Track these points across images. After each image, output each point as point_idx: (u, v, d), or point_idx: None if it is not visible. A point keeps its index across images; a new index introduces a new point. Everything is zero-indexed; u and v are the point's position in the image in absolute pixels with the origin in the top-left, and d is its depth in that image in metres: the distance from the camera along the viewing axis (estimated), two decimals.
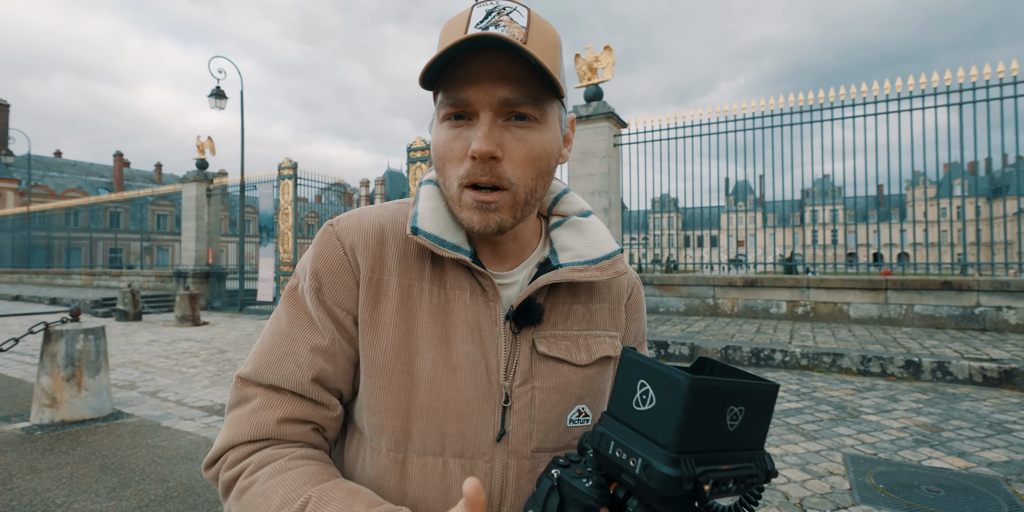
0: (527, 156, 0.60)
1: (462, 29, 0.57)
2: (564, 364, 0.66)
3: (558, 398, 0.66)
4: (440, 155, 0.61)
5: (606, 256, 0.69)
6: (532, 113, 0.59)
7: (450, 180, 0.61)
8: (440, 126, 0.61)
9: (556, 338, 0.67)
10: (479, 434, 0.62)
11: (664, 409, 0.42)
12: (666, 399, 0.42)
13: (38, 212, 22.76)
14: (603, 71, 9.05)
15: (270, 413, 0.61)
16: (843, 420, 3.89)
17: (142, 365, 6.33)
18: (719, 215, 15.12)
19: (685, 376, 0.40)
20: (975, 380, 4.89)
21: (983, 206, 37.35)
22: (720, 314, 8.53)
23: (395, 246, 0.66)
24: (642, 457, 0.42)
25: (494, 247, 0.68)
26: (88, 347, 4.05)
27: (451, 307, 0.64)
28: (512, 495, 0.63)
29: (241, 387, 0.64)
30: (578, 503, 0.47)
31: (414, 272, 0.65)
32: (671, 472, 0.40)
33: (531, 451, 0.64)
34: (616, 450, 0.44)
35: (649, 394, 0.43)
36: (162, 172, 55.89)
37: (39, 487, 2.73)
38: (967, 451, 3.23)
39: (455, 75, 0.58)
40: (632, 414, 0.45)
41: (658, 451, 0.41)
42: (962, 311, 6.97)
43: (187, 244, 14.88)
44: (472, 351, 0.63)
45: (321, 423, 0.64)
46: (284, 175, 12.66)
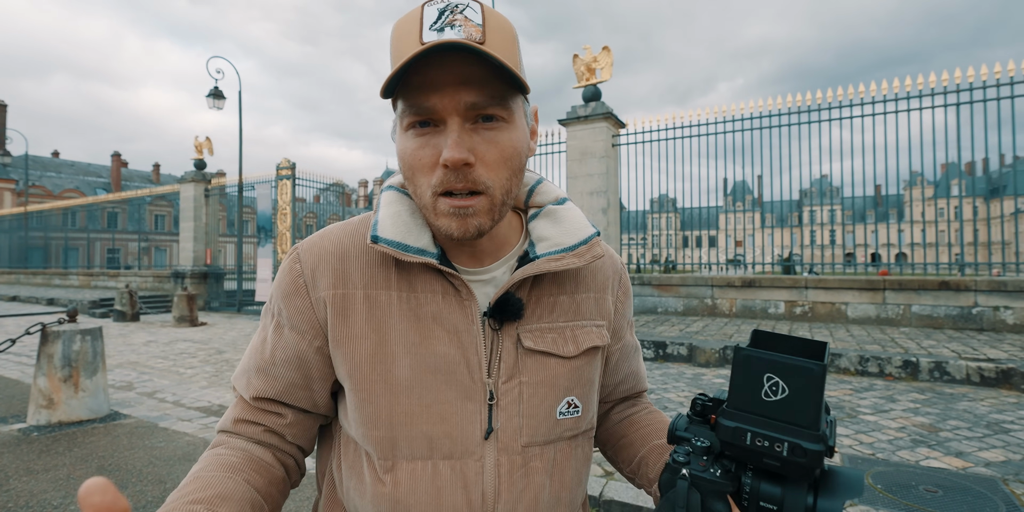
0: (499, 157, 0.58)
1: (416, 31, 0.55)
2: (551, 357, 0.66)
3: (547, 391, 0.65)
4: (409, 164, 0.59)
5: (582, 241, 0.68)
6: (499, 113, 0.58)
7: (422, 189, 0.60)
8: (405, 134, 0.59)
9: (542, 331, 0.67)
10: (466, 434, 0.62)
11: (799, 395, 0.47)
12: (800, 386, 0.47)
13: (35, 212, 22.70)
14: (601, 71, 9.05)
15: (232, 413, 0.70)
16: (841, 420, 3.89)
17: (140, 366, 6.31)
18: (717, 215, 15.14)
19: (816, 364, 0.46)
20: (972, 380, 4.90)
21: (980, 206, 37.50)
22: (718, 314, 8.53)
23: (357, 259, 0.66)
24: (787, 440, 0.47)
25: (471, 246, 0.67)
26: (85, 348, 4.04)
27: (423, 311, 0.64)
28: (506, 491, 0.63)
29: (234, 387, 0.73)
30: (716, 493, 0.51)
31: (380, 281, 0.64)
32: (819, 447, 0.46)
33: (521, 446, 0.64)
34: (755, 440, 0.48)
35: (779, 385, 0.48)
36: (160, 172, 55.81)
37: (35, 488, 2.72)
38: (965, 451, 3.24)
39: (415, 82, 0.56)
40: (763, 405, 0.49)
41: (803, 432, 0.46)
42: (960, 311, 6.99)
43: (185, 244, 14.85)
44: (450, 352, 0.63)
45: (273, 428, 0.69)
46: (282, 175, 12.64)
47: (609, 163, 9.19)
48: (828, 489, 0.48)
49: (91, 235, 25.70)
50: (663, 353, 6.24)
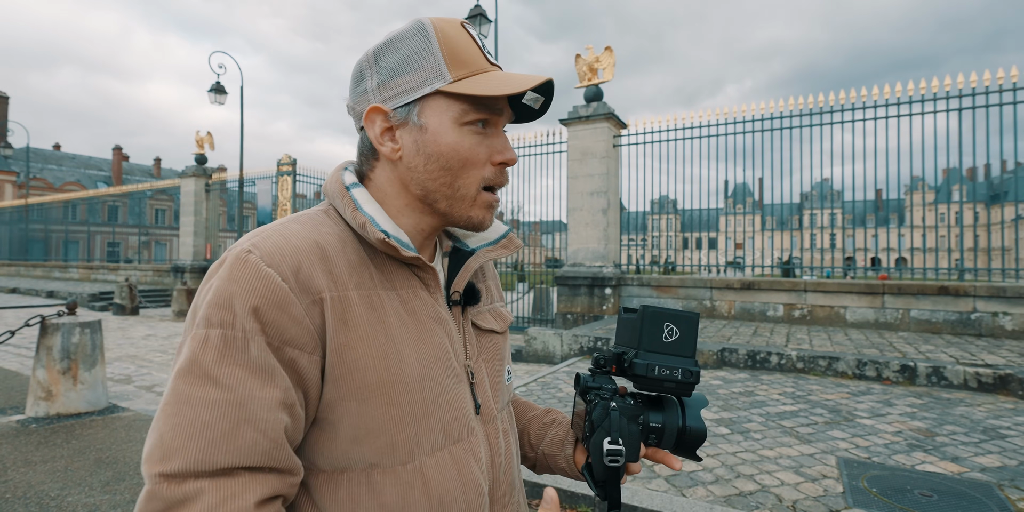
0: None
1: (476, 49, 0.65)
2: (494, 334, 0.78)
3: (499, 364, 0.77)
4: (463, 158, 0.65)
5: (503, 235, 0.79)
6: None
7: (467, 181, 0.66)
8: (459, 129, 0.64)
9: (483, 313, 0.77)
10: (467, 415, 0.68)
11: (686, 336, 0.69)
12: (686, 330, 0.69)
13: (36, 205, 22.70)
14: (603, 72, 9.05)
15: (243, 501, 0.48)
16: (837, 423, 3.90)
17: (138, 359, 6.32)
18: (718, 217, 15.12)
19: (695, 313, 0.69)
20: (970, 385, 4.91)
21: (981, 212, 37.51)
22: (717, 316, 8.54)
23: (338, 258, 0.61)
24: (680, 368, 0.68)
25: (427, 243, 0.73)
26: (84, 341, 4.04)
27: (411, 306, 0.66)
28: (496, 455, 0.72)
29: (170, 489, 0.48)
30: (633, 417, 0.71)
31: (366, 281, 0.63)
32: (697, 368, 0.68)
33: (496, 414, 0.74)
34: (660, 370, 0.68)
35: (674, 330, 0.69)
36: (161, 167, 55.73)
37: (33, 480, 2.72)
38: (961, 456, 3.24)
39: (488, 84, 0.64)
40: (663, 345, 0.69)
41: (688, 362, 0.69)
42: (958, 316, 6.99)
43: (185, 239, 14.86)
44: (443, 342, 0.68)
45: (287, 495, 0.55)
46: (283, 171, 12.64)
47: (610, 163, 9.18)
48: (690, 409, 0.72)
49: (91, 228, 25.70)
50: None
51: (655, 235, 42.43)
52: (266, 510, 0.50)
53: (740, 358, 5.89)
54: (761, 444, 3.44)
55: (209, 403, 0.50)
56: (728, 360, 5.95)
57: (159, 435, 0.50)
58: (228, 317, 0.53)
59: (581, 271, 9.13)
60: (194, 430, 0.49)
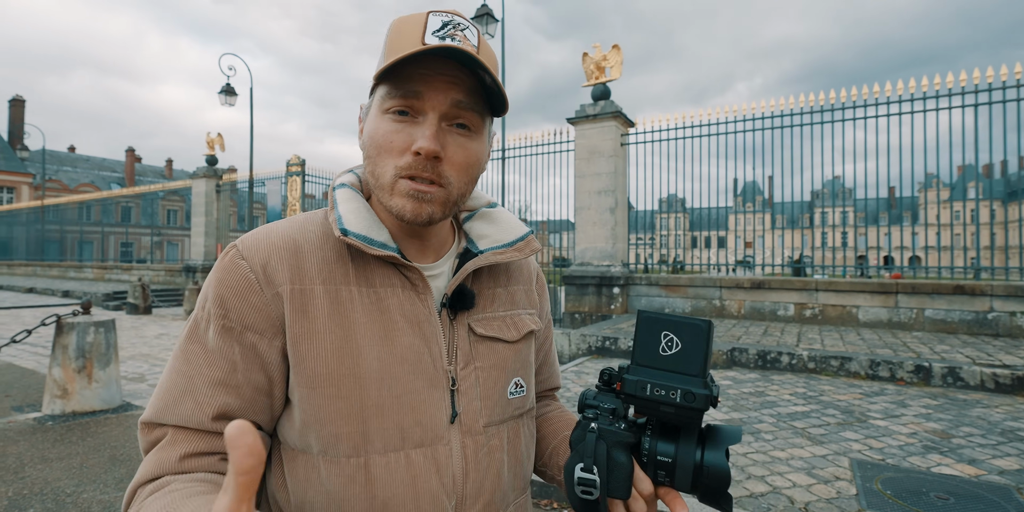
0: (464, 161, 0.64)
1: (418, 33, 0.59)
2: (498, 342, 0.72)
3: (498, 374, 0.71)
4: (379, 144, 0.63)
5: (520, 238, 0.76)
6: (473, 122, 0.63)
7: (384, 169, 0.63)
8: (381, 117, 0.63)
9: (488, 320, 0.72)
10: (434, 421, 0.65)
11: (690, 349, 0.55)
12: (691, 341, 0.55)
13: (52, 206, 23.06)
14: (611, 70, 9.01)
15: (172, 450, 0.58)
16: (850, 424, 3.85)
17: (151, 358, 6.40)
18: (727, 216, 15.03)
19: (704, 321, 0.55)
20: (987, 386, 4.83)
21: (998, 209, 36.90)
22: (726, 316, 8.48)
23: (311, 254, 0.65)
24: (680, 388, 0.54)
25: (419, 242, 0.71)
26: (99, 340, 4.09)
27: (385, 304, 0.66)
28: (473, 471, 0.66)
29: (146, 432, 0.61)
30: (620, 444, 0.59)
31: (338, 276, 0.65)
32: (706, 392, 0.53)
33: (482, 427, 0.68)
34: (654, 390, 0.55)
35: (674, 341, 0.56)
36: (173, 168, 56.38)
37: (50, 476, 2.77)
38: (978, 458, 3.19)
39: (408, 72, 0.60)
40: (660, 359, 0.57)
41: (694, 380, 0.54)
42: (975, 316, 6.88)
43: (196, 239, 15.02)
44: (415, 342, 0.65)
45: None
46: (292, 172, 12.73)
47: (617, 162, 9.15)
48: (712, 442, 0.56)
49: (105, 229, 26.07)
50: None
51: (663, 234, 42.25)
52: (190, 462, 0.59)
53: (750, 358, 5.84)
54: (772, 445, 3.41)
55: (174, 372, 0.62)
56: (738, 360, 5.90)
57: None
58: (203, 301, 0.64)
59: (589, 270, 9.10)
60: (161, 392, 0.62)
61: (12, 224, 26.08)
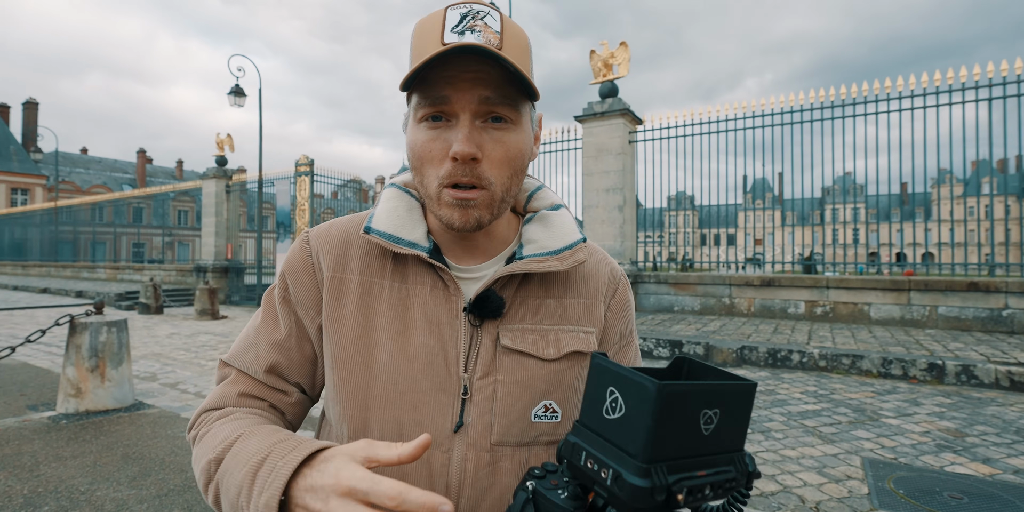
0: (504, 156, 0.62)
1: (437, 32, 0.58)
2: (529, 358, 0.66)
3: (521, 392, 0.65)
4: (418, 155, 0.62)
5: (567, 246, 0.70)
6: (508, 114, 0.61)
7: (429, 180, 0.63)
8: (417, 127, 0.62)
9: (524, 332, 0.67)
10: (436, 425, 0.63)
11: (633, 417, 0.40)
12: (635, 406, 0.40)
13: (65, 207, 23.37)
14: (618, 67, 8.97)
15: (234, 387, 0.69)
16: (862, 423, 3.81)
17: (163, 357, 6.47)
18: (736, 213, 14.95)
19: (652, 382, 0.38)
20: (1002, 384, 4.76)
21: (1012, 205, 36.31)
22: (736, 314, 8.42)
23: (358, 248, 0.70)
24: (613, 468, 0.41)
25: (466, 242, 0.70)
26: (111, 339, 4.14)
27: (411, 301, 0.67)
28: (470, 487, 0.64)
29: (221, 367, 0.73)
30: None
31: (375, 270, 0.69)
32: (642, 483, 0.38)
33: (491, 444, 0.64)
34: (587, 461, 0.43)
35: (618, 401, 0.42)
36: (183, 169, 56.95)
37: (64, 474, 2.80)
38: (992, 457, 3.15)
39: (432, 78, 0.59)
40: (602, 423, 0.43)
41: (628, 461, 0.40)
42: (989, 313, 6.78)
43: (207, 239, 15.15)
44: (430, 343, 0.65)
45: (277, 405, 0.71)
46: (301, 172, 12.81)
47: (625, 160, 9.10)
48: None
49: (117, 230, 26.37)
50: (679, 352, 6.18)
51: (672, 232, 42.02)
52: (245, 400, 0.69)
53: (760, 356, 5.80)
54: (783, 444, 3.38)
55: (251, 327, 0.74)
56: (748, 358, 5.86)
57: None
58: (278, 274, 0.74)
59: None
60: (238, 340, 0.74)
61: (26, 225, 26.47)
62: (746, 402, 0.43)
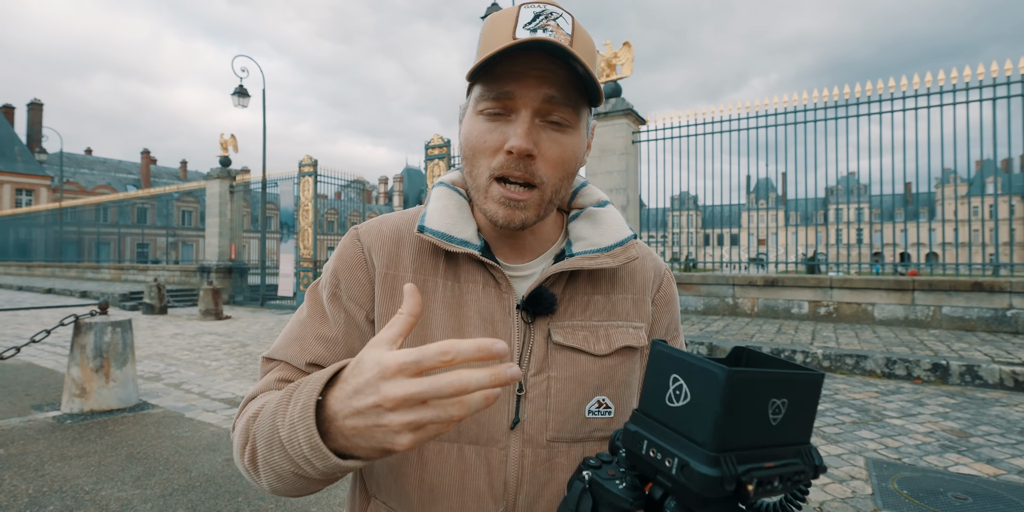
0: (559, 157, 0.62)
1: (510, 28, 0.58)
2: (581, 354, 0.67)
3: (575, 388, 0.66)
4: (473, 145, 0.63)
5: (619, 243, 0.70)
6: (568, 117, 0.61)
7: (479, 170, 0.63)
8: (475, 117, 0.63)
9: (574, 328, 0.68)
10: (493, 422, 0.64)
11: (700, 404, 0.39)
12: (702, 394, 0.39)
13: (69, 208, 23.47)
14: (622, 67, 8.96)
15: (273, 376, 0.68)
16: (866, 423, 3.80)
17: (167, 357, 6.49)
18: (740, 213, 14.91)
19: (722, 368, 0.38)
20: (1006, 384, 4.74)
21: (1017, 205, 36.12)
22: (740, 314, 8.40)
23: (410, 245, 0.70)
24: (679, 457, 0.39)
25: (513, 241, 0.71)
26: (115, 339, 4.16)
27: (464, 299, 0.67)
28: (527, 483, 0.64)
29: (264, 363, 0.72)
30: (611, 506, 0.45)
31: (428, 268, 0.69)
32: (711, 472, 0.37)
33: (547, 440, 0.65)
34: (650, 450, 0.42)
35: (683, 389, 0.41)
36: (188, 169, 57.12)
37: (69, 474, 2.82)
38: (997, 458, 3.13)
39: (499, 71, 0.59)
40: (665, 411, 0.42)
41: (696, 450, 0.39)
42: (993, 313, 6.75)
43: (211, 240, 15.20)
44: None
45: None
46: (304, 172, 12.83)
47: (629, 160, 9.10)
48: None
49: (122, 230, 26.48)
50: None
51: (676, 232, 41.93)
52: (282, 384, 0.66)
53: None
54: None
55: (295, 322, 0.72)
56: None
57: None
58: (327, 270, 0.73)
59: None
60: (282, 335, 0.72)
61: (31, 226, 26.60)
62: (813, 392, 0.42)
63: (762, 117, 8.38)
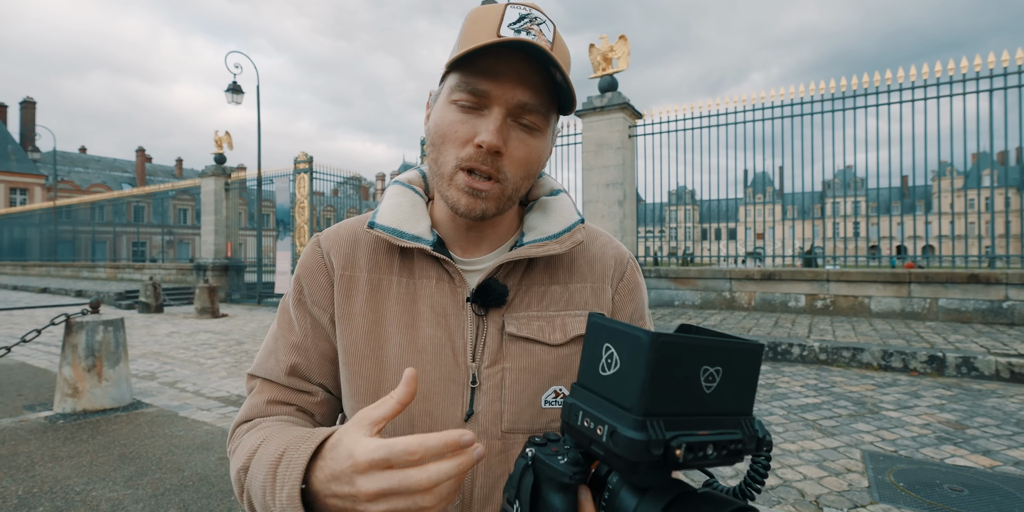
0: (524, 158, 0.63)
1: (494, 24, 0.59)
2: (536, 344, 0.67)
3: (530, 378, 0.66)
4: (443, 133, 0.63)
5: (566, 229, 0.70)
6: (537, 122, 0.63)
7: (446, 158, 0.63)
8: (448, 106, 0.63)
9: (529, 319, 0.68)
10: (446, 414, 0.64)
11: (629, 371, 0.39)
12: (629, 360, 0.39)
13: (64, 207, 23.35)
14: (618, 61, 8.91)
15: (260, 397, 0.70)
16: (862, 416, 3.80)
17: (162, 356, 6.46)
18: (737, 207, 14.91)
19: (646, 333, 0.37)
20: (1002, 376, 4.75)
21: (1013, 197, 36.22)
22: (737, 308, 8.40)
23: (365, 246, 0.72)
24: (608, 423, 0.39)
25: (471, 234, 0.71)
26: (108, 338, 4.13)
27: (418, 295, 0.68)
28: (483, 475, 0.64)
29: (248, 380, 0.74)
30: (553, 481, 0.45)
31: (383, 266, 0.71)
32: (637, 436, 0.37)
33: (502, 432, 0.65)
34: (584, 419, 0.42)
35: (614, 357, 0.41)
36: (183, 167, 56.88)
37: (60, 474, 2.79)
38: (992, 449, 3.13)
39: (480, 66, 0.60)
40: (599, 380, 0.42)
41: (624, 415, 0.38)
42: (989, 305, 6.76)
43: (206, 238, 15.13)
44: (437, 334, 0.66)
45: (304, 407, 0.71)
46: (300, 169, 12.77)
47: (625, 154, 9.06)
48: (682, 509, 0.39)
49: (117, 229, 26.36)
50: None
51: (673, 226, 41.92)
52: (273, 407, 0.69)
53: None
54: (783, 437, 3.37)
55: (269, 335, 0.75)
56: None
57: None
58: (293, 279, 0.75)
59: None
60: (260, 351, 0.74)
61: (26, 225, 26.46)
62: (752, 363, 0.42)
63: (759, 110, 8.36)
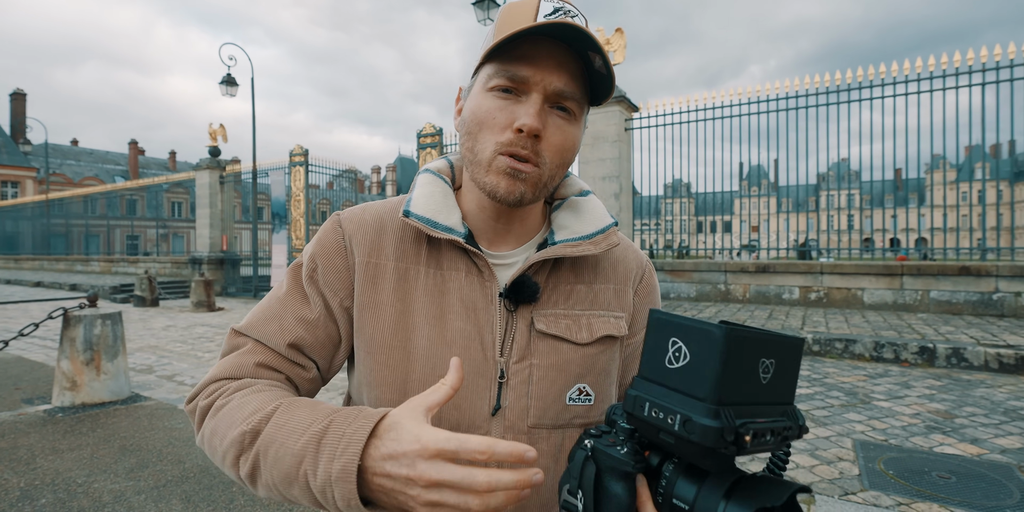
0: (561, 144, 0.63)
1: (530, 15, 0.59)
2: (563, 342, 0.68)
3: (556, 375, 0.67)
4: (480, 120, 0.63)
5: (599, 231, 0.71)
6: (573, 108, 0.63)
7: (483, 145, 0.63)
8: (486, 94, 0.63)
9: (556, 317, 0.68)
10: (474, 408, 0.65)
11: (700, 363, 0.42)
12: (700, 352, 0.42)
13: (56, 200, 23.14)
14: (615, 54, 8.88)
15: (251, 357, 0.66)
16: (854, 406, 3.86)
17: (159, 350, 6.47)
18: (732, 200, 14.96)
19: (719, 327, 0.40)
20: (991, 366, 4.83)
21: (1005, 190, 36.47)
22: (732, 300, 8.47)
23: (393, 233, 0.70)
24: (680, 413, 0.42)
25: (499, 227, 0.71)
26: (106, 332, 4.13)
27: (447, 287, 0.67)
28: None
29: (233, 337, 0.70)
30: (615, 471, 0.48)
31: (411, 256, 0.69)
32: (712, 423, 0.39)
33: (528, 427, 0.66)
34: (652, 410, 0.44)
35: (682, 350, 0.43)
36: (177, 159, 56.39)
37: (61, 467, 2.81)
38: (980, 438, 3.20)
39: (518, 52, 0.60)
40: (665, 373, 0.45)
41: (696, 405, 0.41)
42: (980, 297, 6.85)
43: (201, 231, 15.06)
44: (467, 328, 0.66)
45: (294, 379, 0.69)
46: (295, 162, 12.70)
47: (622, 147, 9.07)
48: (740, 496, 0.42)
49: (111, 222, 26.17)
50: None
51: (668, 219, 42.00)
52: (261, 370, 0.66)
53: None
54: None
55: (274, 299, 0.71)
56: None
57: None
58: (306, 253, 0.72)
59: None
60: (257, 310, 0.71)
61: (18, 218, 26.23)
62: (796, 355, 0.45)
63: (755, 103, 8.36)
